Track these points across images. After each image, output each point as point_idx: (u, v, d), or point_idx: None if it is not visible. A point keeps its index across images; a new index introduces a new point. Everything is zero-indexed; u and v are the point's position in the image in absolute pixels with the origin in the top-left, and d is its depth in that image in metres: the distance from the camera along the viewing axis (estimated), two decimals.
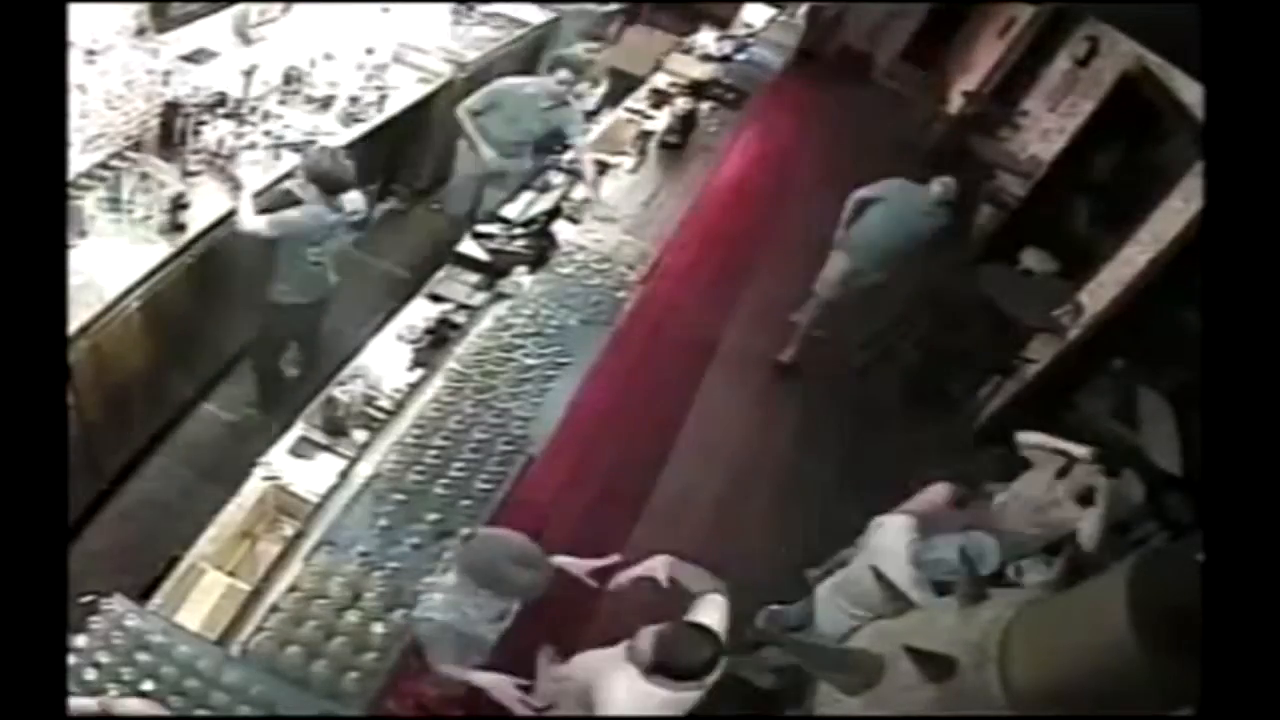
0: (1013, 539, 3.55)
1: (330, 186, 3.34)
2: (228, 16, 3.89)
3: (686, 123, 5.54)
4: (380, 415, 3.18)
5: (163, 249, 3.25)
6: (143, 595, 2.48)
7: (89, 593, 2.25)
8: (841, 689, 2.22)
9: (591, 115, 5.85)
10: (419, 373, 3.41)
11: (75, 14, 2.82)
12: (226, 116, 3.81)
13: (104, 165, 3.33)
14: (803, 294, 5.48)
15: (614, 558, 2.73)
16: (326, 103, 4.42)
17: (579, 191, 4.69)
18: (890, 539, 2.99)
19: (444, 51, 5.34)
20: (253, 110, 3.98)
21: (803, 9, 9.10)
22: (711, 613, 2.46)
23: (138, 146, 3.50)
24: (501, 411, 3.20)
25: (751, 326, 5.97)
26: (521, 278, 3.89)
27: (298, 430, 3.11)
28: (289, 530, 2.82)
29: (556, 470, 3.75)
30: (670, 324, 5.25)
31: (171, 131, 3.59)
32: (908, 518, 3.06)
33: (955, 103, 9.75)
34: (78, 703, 1.77)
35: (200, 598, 2.67)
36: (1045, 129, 7.71)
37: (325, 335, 4.04)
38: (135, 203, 3.29)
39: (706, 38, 7.48)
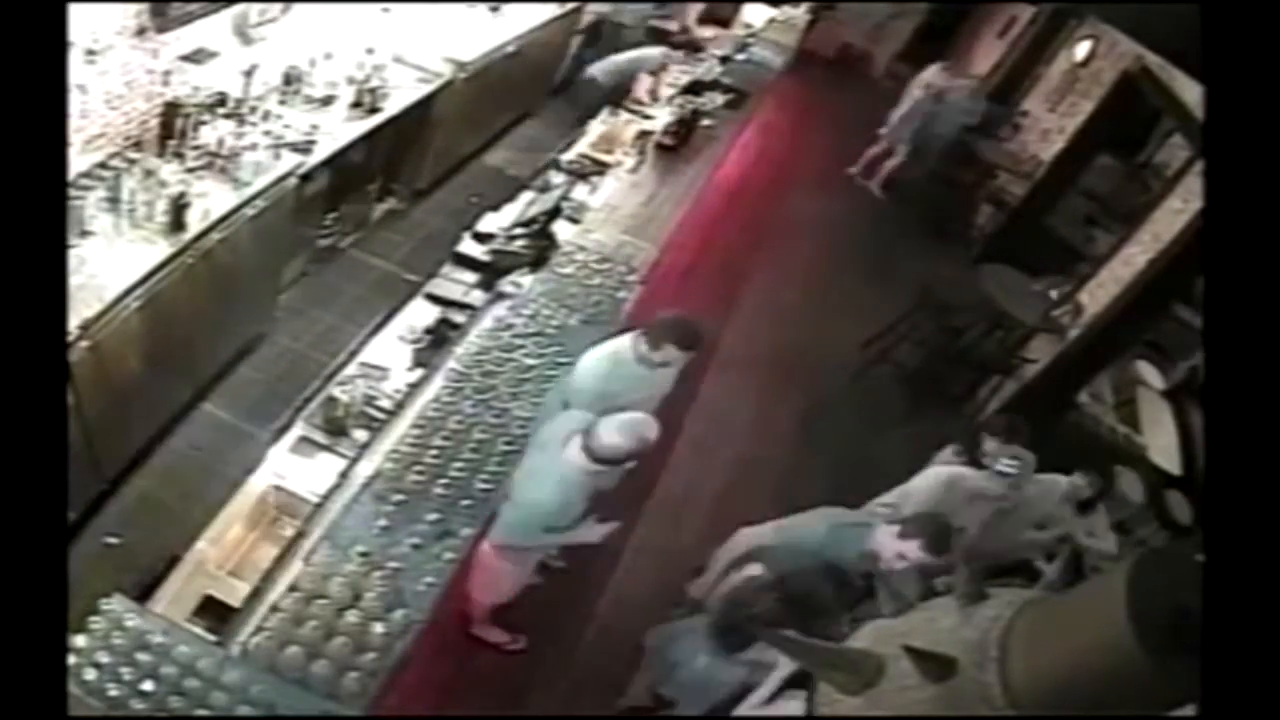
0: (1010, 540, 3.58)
1: None
2: (228, 16, 3.88)
3: (686, 123, 5.54)
4: (380, 415, 3.18)
5: (163, 249, 3.25)
6: (143, 595, 2.48)
7: (89, 593, 2.25)
8: (841, 689, 2.22)
9: None
10: (419, 373, 3.41)
11: (75, 14, 2.82)
12: (226, 116, 3.80)
13: (104, 165, 3.33)
14: None
15: None
16: (327, 101, 4.42)
17: (579, 191, 4.68)
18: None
19: None
20: (253, 110, 3.97)
21: (803, 9, 9.10)
22: None
23: (138, 146, 3.50)
24: (501, 411, 3.20)
25: (751, 326, 5.97)
26: (521, 278, 3.89)
27: (298, 430, 3.12)
28: (289, 530, 2.82)
29: None
30: None
31: (171, 131, 3.59)
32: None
33: None
34: None
35: (200, 597, 2.67)
36: (1045, 129, 7.72)
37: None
38: (135, 203, 3.29)
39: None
